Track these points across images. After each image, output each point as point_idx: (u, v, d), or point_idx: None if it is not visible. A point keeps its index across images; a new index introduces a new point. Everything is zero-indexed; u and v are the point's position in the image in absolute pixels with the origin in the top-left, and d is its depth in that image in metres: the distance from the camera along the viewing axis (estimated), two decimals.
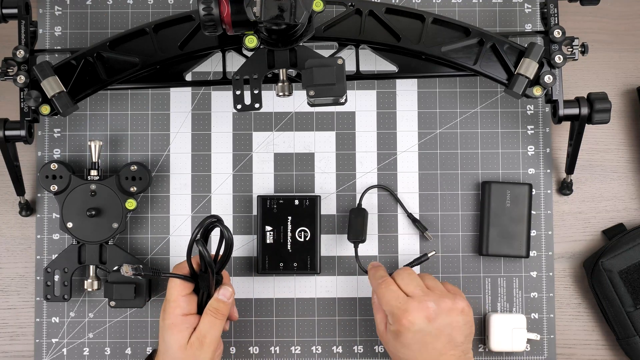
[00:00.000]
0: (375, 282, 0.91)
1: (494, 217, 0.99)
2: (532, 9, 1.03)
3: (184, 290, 0.89)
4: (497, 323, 0.97)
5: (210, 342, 0.88)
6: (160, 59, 0.92)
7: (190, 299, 0.89)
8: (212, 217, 0.89)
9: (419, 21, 0.93)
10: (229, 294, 0.90)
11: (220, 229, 0.89)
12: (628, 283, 0.96)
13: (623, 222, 1.02)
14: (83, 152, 1.02)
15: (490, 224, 0.99)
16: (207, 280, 0.89)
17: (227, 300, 0.90)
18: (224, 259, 0.90)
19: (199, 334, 0.88)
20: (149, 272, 0.89)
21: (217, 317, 0.89)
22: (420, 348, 0.86)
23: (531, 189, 0.99)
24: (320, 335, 1.01)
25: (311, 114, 1.02)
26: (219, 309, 0.89)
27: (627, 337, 0.97)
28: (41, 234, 1.01)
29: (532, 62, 0.90)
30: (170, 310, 0.88)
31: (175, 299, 0.88)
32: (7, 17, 0.93)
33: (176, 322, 0.88)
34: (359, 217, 0.99)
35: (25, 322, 1.01)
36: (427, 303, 0.86)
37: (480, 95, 1.03)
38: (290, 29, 0.85)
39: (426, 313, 0.86)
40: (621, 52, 1.04)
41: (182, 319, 0.88)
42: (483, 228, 0.99)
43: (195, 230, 0.88)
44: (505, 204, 0.99)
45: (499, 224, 0.99)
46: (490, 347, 0.98)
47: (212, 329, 0.88)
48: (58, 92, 0.90)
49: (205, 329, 0.88)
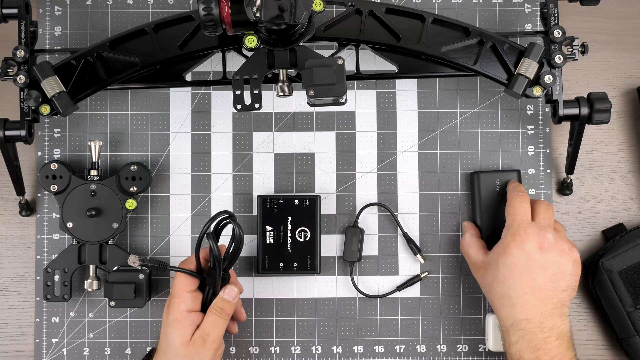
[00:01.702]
0: (513, 192, 0.92)
1: (485, 207, 0.99)
2: (532, 9, 1.03)
3: (189, 286, 0.89)
4: (496, 323, 0.97)
5: (212, 340, 0.88)
6: (160, 59, 0.92)
7: (196, 296, 0.89)
8: (224, 212, 0.88)
9: (419, 21, 0.93)
10: (234, 294, 0.90)
11: (232, 225, 0.89)
12: (628, 283, 0.96)
13: (623, 222, 1.02)
14: (83, 152, 1.02)
15: (482, 214, 0.99)
16: (214, 277, 0.89)
17: (233, 300, 0.90)
18: (232, 256, 0.90)
19: (202, 332, 0.88)
20: (156, 264, 0.89)
21: (221, 316, 0.89)
22: (521, 272, 0.87)
23: (519, 175, 0.99)
24: (320, 335, 1.01)
25: (311, 114, 1.02)
26: (223, 309, 0.89)
27: (627, 337, 0.97)
28: (41, 234, 1.01)
29: (532, 62, 0.90)
30: (175, 305, 0.88)
31: (180, 295, 0.88)
32: (7, 17, 0.93)
33: (180, 317, 0.88)
34: (355, 237, 0.99)
35: (25, 322, 1.01)
36: (547, 234, 0.88)
37: (480, 95, 1.03)
38: (290, 29, 0.85)
39: (541, 240, 0.87)
40: (621, 52, 1.04)
41: (186, 315, 0.88)
42: (475, 218, 0.99)
43: (207, 224, 0.88)
44: (495, 192, 0.99)
45: (491, 213, 0.98)
46: (490, 347, 0.98)
47: (215, 327, 0.88)
48: (58, 92, 0.90)
49: (209, 327, 0.88)
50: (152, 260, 0.89)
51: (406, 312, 1.01)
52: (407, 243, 1.00)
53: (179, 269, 0.89)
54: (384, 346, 1.00)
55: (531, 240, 0.88)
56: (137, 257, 0.87)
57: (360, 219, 1.01)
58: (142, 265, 0.88)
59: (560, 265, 0.88)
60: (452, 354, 1.00)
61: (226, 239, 0.91)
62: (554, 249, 0.88)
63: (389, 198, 1.02)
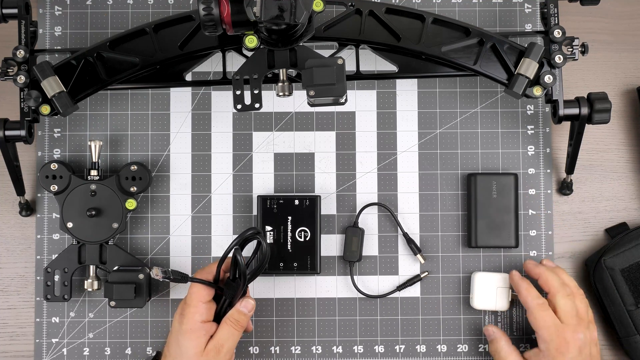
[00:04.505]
0: (533, 302, 0.92)
1: (481, 209, 0.99)
2: (532, 9, 1.03)
3: (205, 297, 0.89)
4: (481, 281, 0.98)
5: (226, 351, 0.88)
6: (160, 59, 0.92)
7: (210, 306, 0.90)
8: (253, 229, 0.89)
9: (419, 21, 0.93)
10: (250, 307, 0.90)
11: (258, 240, 0.90)
12: (630, 281, 0.97)
13: None
14: (83, 152, 1.02)
15: (478, 216, 0.99)
16: (235, 289, 0.89)
17: (249, 313, 0.90)
18: (255, 271, 0.90)
19: (216, 343, 0.88)
20: (177, 276, 0.90)
21: (236, 328, 0.89)
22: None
23: (517, 178, 0.99)
24: (320, 335, 1.01)
25: (311, 114, 1.02)
26: (239, 321, 0.89)
27: (627, 335, 0.97)
28: (41, 234, 1.01)
29: (532, 62, 0.90)
30: (189, 315, 0.88)
31: (196, 305, 0.88)
32: (7, 17, 0.93)
33: (195, 327, 0.88)
34: (355, 237, 0.99)
35: (25, 322, 1.01)
36: (579, 335, 0.90)
37: (480, 95, 1.03)
38: (290, 29, 0.85)
39: (579, 344, 0.90)
40: (621, 52, 1.04)
41: (200, 326, 0.88)
42: (471, 220, 0.99)
43: (235, 240, 0.89)
44: (492, 195, 0.99)
45: (487, 216, 0.99)
46: (474, 305, 0.98)
47: (229, 339, 0.89)
48: (58, 92, 0.90)
49: (224, 339, 0.88)
50: (174, 272, 0.89)
51: (406, 312, 1.01)
52: (407, 243, 1.00)
53: (200, 280, 0.89)
54: (384, 346, 1.00)
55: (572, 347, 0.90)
56: (160, 269, 0.88)
57: (360, 219, 1.01)
58: (165, 278, 0.88)
59: (592, 352, 0.91)
60: (452, 354, 1.00)
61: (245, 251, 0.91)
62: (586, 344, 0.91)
63: (389, 198, 1.02)
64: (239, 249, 0.88)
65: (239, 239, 0.89)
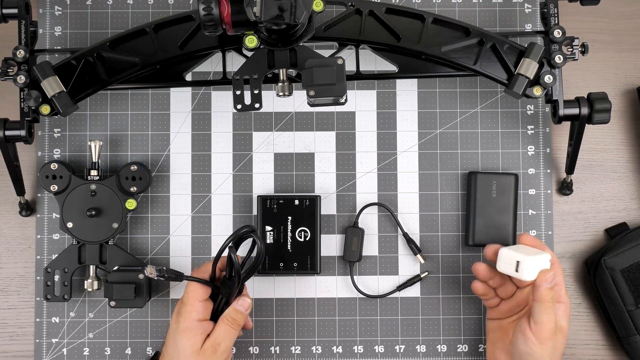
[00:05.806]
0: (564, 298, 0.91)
1: (480, 208, 0.99)
2: (532, 9, 1.03)
3: (202, 296, 0.89)
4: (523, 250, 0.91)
5: (223, 350, 0.88)
6: (160, 59, 0.92)
7: (207, 305, 0.89)
8: (247, 227, 0.89)
9: (419, 21, 0.93)
10: (247, 305, 0.90)
11: (253, 239, 0.89)
12: (630, 281, 0.97)
13: None
14: (83, 152, 1.02)
15: (477, 215, 0.99)
16: (231, 287, 0.89)
17: (245, 311, 0.90)
18: (251, 269, 0.90)
19: (213, 341, 0.88)
20: (172, 274, 0.89)
21: (232, 326, 0.89)
22: None
23: (517, 179, 0.99)
24: (320, 335, 1.01)
25: (311, 114, 1.02)
26: (236, 319, 0.89)
27: (627, 336, 0.97)
28: (41, 234, 1.01)
29: (532, 62, 0.90)
30: (186, 314, 0.88)
31: (193, 303, 0.88)
32: (7, 17, 0.93)
33: (191, 326, 0.88)
34: (355, 237, 0.99)
35: (25, 322, 1.01)
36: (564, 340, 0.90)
37: (480, 95, 1.03)
38: (290, 29, 0.85)
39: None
40: (621, 52, 1.04)
41: (197, 324, 0.88)
42: (469, 219, 0.99)
43: (229, 238, 0.88)
44: (492, 194, 0.99)
45: (485, 215, 0.99)
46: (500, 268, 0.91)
47: (226, 337, 0.88)
48: (58, 92, 0.90)
49: (221, 337, 0.88)
50: (169, 271, 0.89)
51: (406, 312, 1.01)
52: (407, 243, 1.00)
53: (195, 279, 0.89)
54: (384, 346, 1.00)
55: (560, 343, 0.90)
56: (154, 267, 0.88)
57: (360, 219, 1.01)
58: (159, 276, 0.88)
59: None
60: (452, 354, 1.00)
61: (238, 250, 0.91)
62: None
63: (389, 198, 1.02)
64: (233, 247, 0.88)
65: (233, 237, 0.89)
